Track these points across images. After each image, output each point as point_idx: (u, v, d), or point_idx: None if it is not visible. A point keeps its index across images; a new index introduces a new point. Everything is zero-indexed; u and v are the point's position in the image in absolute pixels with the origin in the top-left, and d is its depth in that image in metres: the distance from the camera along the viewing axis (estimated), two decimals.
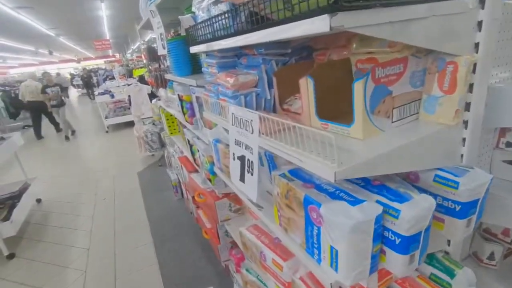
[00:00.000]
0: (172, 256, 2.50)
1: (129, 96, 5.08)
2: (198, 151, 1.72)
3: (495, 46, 0.79)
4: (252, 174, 0.99)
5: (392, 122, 0.81)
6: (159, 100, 3.16)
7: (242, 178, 1.07)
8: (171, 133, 2.86)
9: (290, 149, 0.75)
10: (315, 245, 0.77)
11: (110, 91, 7.58)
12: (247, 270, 1.48)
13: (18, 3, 7.01)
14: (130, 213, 3.33)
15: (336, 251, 0.69)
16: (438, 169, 0.79)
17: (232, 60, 1.24)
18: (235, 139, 1.07)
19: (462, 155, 0.85)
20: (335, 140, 0.61)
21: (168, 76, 2.28)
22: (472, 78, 0.76)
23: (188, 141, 1.97)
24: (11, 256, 2.76)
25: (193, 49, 1.39)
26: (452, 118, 0.77)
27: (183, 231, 2.82)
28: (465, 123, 0.81)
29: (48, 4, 7.37)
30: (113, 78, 10.76)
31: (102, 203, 3.73)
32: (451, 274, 0.84)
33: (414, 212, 0.65)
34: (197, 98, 1.60)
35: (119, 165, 4.98)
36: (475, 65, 0.75)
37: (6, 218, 2.83)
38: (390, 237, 0.69)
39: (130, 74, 11.32)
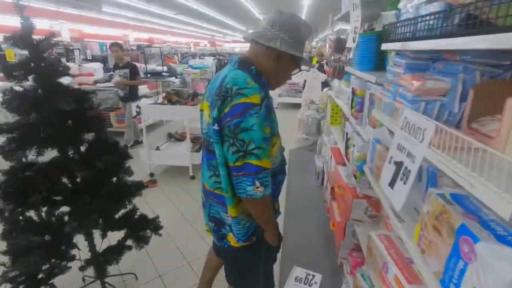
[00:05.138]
0: (296, 231, 2.72)
1: (305, 80, 5.52)
2: (354, 146, 1.75)
3: None
4: (404, 183, 0.95)
5: None
6: (330, 89, 3.31)
7: (391, 184, 1.04)
8: (332, 123, 2.97)
9: (462, 169, 0.68)
10: (454, 281, 0.69)
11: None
12: (362, 275, 1.45)
13: None
14: None
15: None
16: None
17: (424, 63, 1.16)
18: (398, 144, 1.04)
19: None
20: None
21: (348, 69, 2.35)
22: None
23: (347, 134, 2.02)
24: (192, 178, 3.83)
25: (386, 46, 1.38)
26: None
27: (312, 214, 2.98)
28: None
29: None
30: None
31: None
32: None
33: None
34: (371, 95, 1.59)
35: None
36: None
37: (197, 150, 3.89)
38: None
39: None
